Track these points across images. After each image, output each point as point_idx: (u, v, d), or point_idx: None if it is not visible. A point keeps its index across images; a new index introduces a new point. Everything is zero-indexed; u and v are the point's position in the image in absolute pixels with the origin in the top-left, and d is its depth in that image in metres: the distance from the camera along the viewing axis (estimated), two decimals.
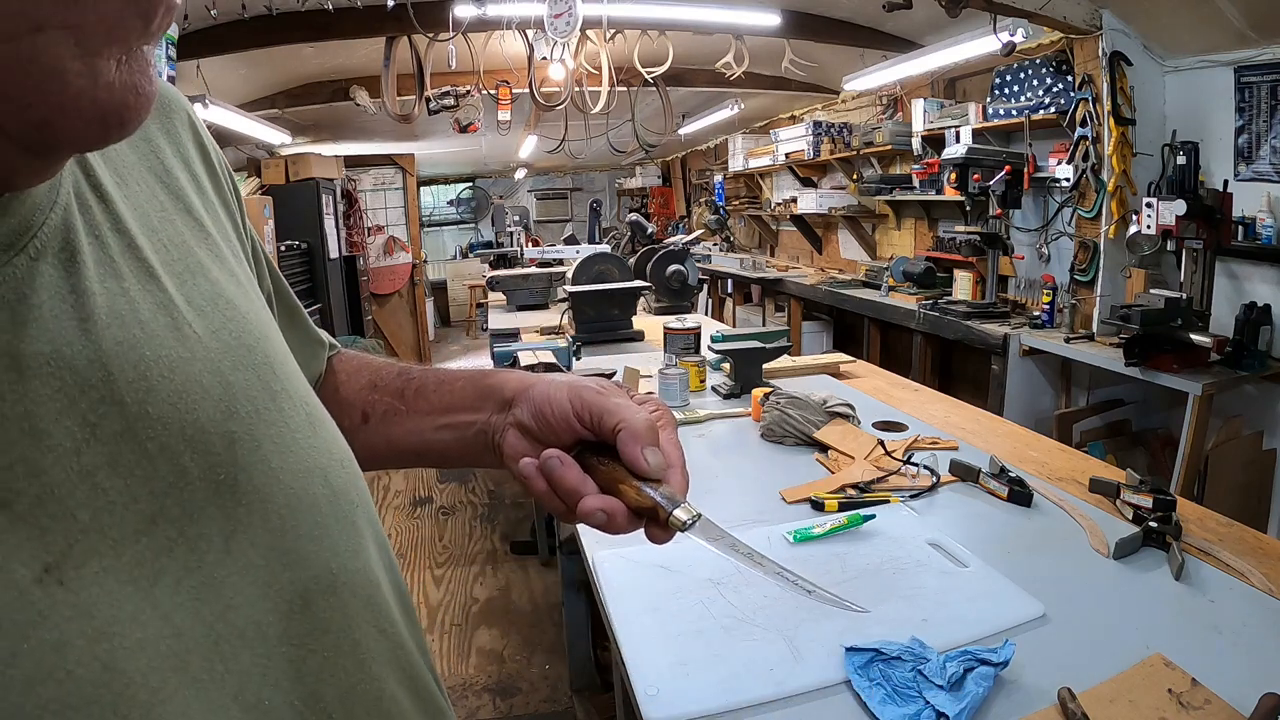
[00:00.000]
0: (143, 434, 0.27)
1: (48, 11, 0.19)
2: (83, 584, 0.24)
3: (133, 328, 0.28)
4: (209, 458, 0.29)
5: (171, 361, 0.29)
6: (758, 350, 1.98)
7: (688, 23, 3.38)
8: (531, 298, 3.77)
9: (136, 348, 0.28)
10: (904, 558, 1.06)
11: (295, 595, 0.31)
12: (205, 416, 0.30)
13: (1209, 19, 2.58)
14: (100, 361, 0.27)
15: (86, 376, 0.26)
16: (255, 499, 0.31)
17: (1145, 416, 3.20)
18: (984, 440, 1.60)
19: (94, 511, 0.25)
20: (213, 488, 0.29)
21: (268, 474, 0.32)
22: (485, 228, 9.40)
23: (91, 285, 0.28)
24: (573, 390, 0.47)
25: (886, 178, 4.56)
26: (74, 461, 0.25)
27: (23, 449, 0.23)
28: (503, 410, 0.50)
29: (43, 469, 0.24)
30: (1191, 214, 2.53)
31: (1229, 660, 0.81)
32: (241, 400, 0.32)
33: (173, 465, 0.28)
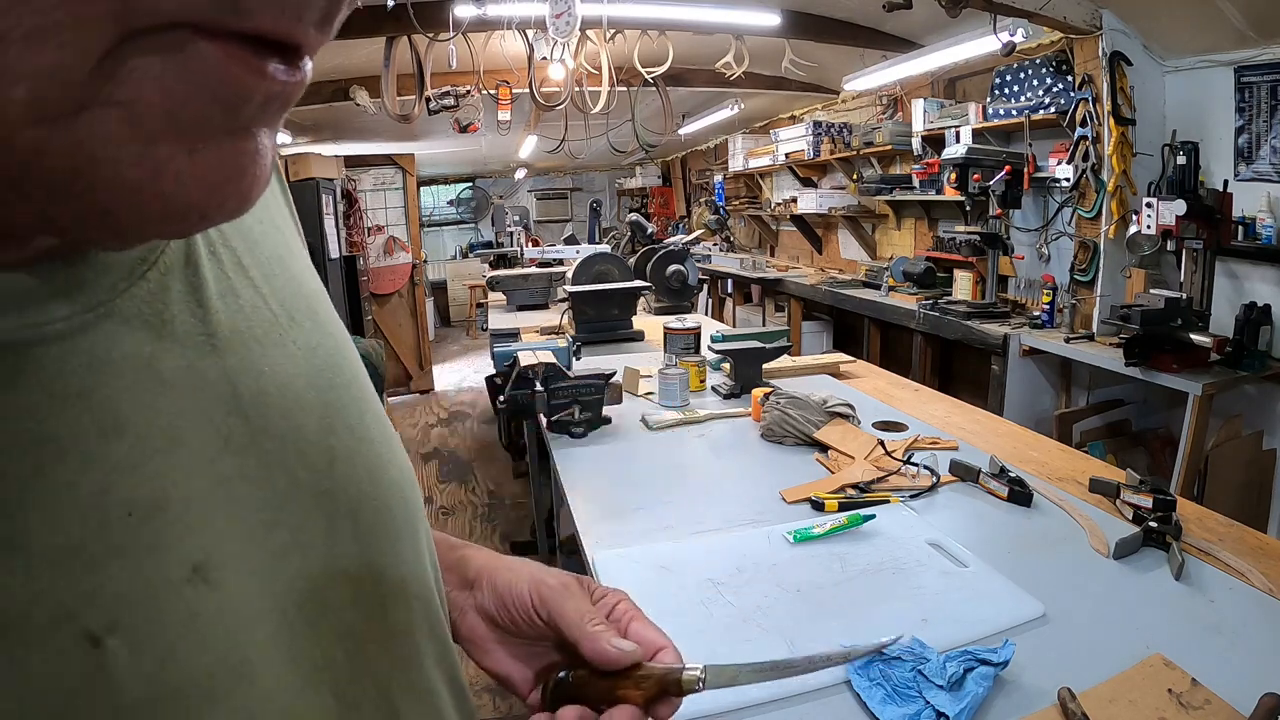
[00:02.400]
0: (263, 445, 0.29)
1: (93, 85, 0.16)
2: (223, 583, 0.25)
3: (250, 343, 0.29)
4: (314, 472, 0.31)
5: (281, 379, 0.30)
6: (758, 350, 1.98)
7: (688, 23, 3.38)
8: (531, 298, 3.77)
9: (255, 363, 0.29)
10: (904, 558, 1.07)
11: (377, 602, 0.33)
12: (311, 432, 0.31)
13: (1209, 19, 2.58)
14: (227, 376, 0.28)
15: (218, 390, 0.27)
16: (348, 511, 0.32)
17: (1145, 416, 3.20)
18: (984, 440, 1.60)
19: (228, 516, 0.26)
20: (315, 499, 0.31)
21: (359, 489, 0.33)
22: (485, 228, 9.41)
23: (214, 301, 0.28)
24: (533, 583, 0.46)
25: (886, 178, 4.56)
26: (211, 469, 0.26)
27: (171, 458, 0.25)
28: (464, 588, 0.48)
29: (188, 476, 0.25)
30: (1191, 214, 2.53)
31: (1229, 660, 0.81)
32: (337, 417, 0.33)
33: (288, 477, 0.29)
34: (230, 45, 0.18)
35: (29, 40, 0.15)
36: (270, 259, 0.33)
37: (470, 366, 7.09)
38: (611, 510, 1.29)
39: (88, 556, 0.22)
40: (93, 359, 0.23)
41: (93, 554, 0.22)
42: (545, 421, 1.71)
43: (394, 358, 6.03)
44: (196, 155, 0.19)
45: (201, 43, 0.17)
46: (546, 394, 1.66)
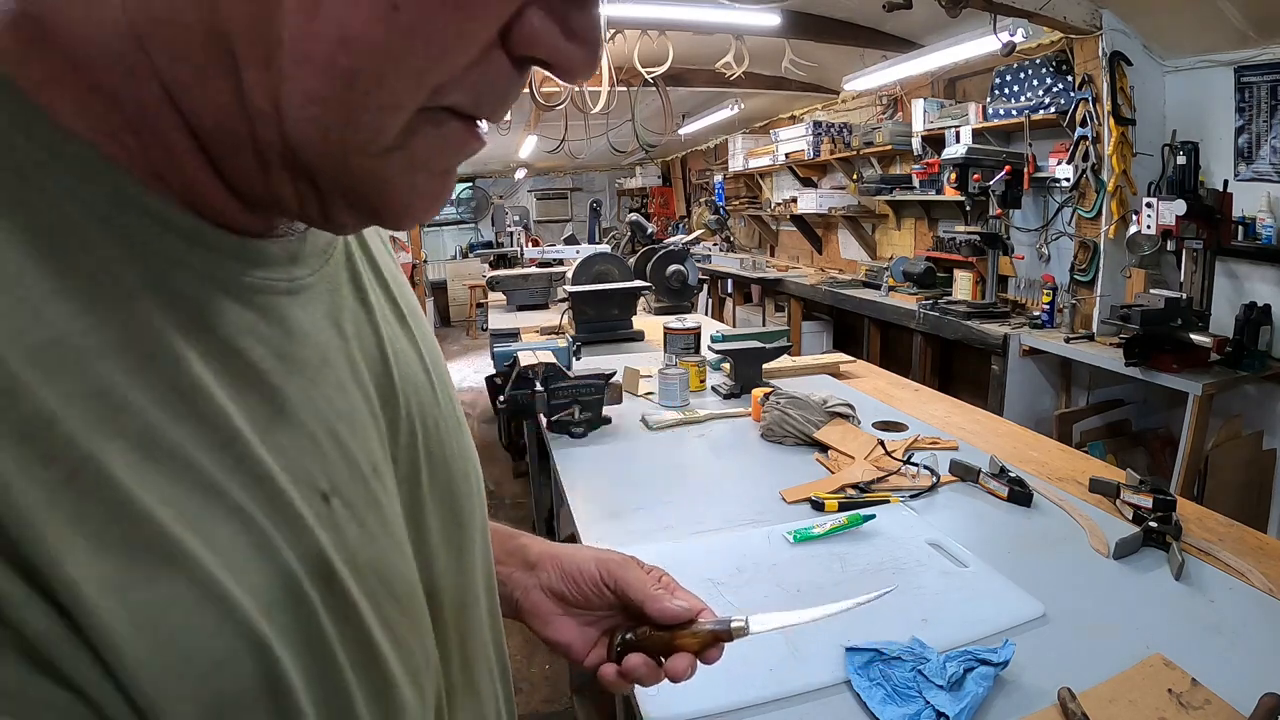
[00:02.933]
0: (395, 401, 0.37)
1: (396, 142, 0.27)
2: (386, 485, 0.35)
3: (394, 328, 0.40)
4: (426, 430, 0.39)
5: (410, 360, 0.40)
6: (758, 350, 1.98)
7: (688, 23, 3.38)
8: (531, 298, 3.76)
9: (396, 344, 0.39)
10: (904, 558, 1.06)
11: (454, 548, 0.41)
12: (425, 399, 0.40)
13: (1209, 19, 2.58)
14: (381, 352, 0.37)
15: (370, 352, 0.36)
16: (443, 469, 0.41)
17: (1145, 416, 3.20)
18: (984, 440, 1.60)
19: (379, 441, 0.35)
20: (426, 450, 0.39)
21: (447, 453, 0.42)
22: (485, 228, 9.41)
23: (366, 294, 0.38)
24: (598, 561, 0.57)
25: (886, 178, 4.56)
26: (370, 407, 0.35)
27: (353, 394, 0.34)
28: (526, 570, 0.58)
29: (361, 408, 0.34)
30: (1191, 214, 2.53)
31: (1229, 660, 0.81)
32: (440, 401, 0.42)
33: (409, 427, 0.38)
34: (465, 121, 0.29)
35: (377, 111, 0.25)
36: (386, 271, 0.43)
37: (470, 366, 7.09)
38: (611, 510, 1.29)
39: (315, 440, 0.31)
40: (312, 309, 0.33)
41: (318, 440, 0.31)
42: (545, 421, 1.71)
43: None
44: (432, 182, 0.30)
45: (454, 121, 0.28)
46: (546, 394, 1.66)
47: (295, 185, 0.27)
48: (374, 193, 0.28)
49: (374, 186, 0.28)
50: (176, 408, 0.25)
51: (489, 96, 0.28)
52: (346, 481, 0.32)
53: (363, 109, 0.25)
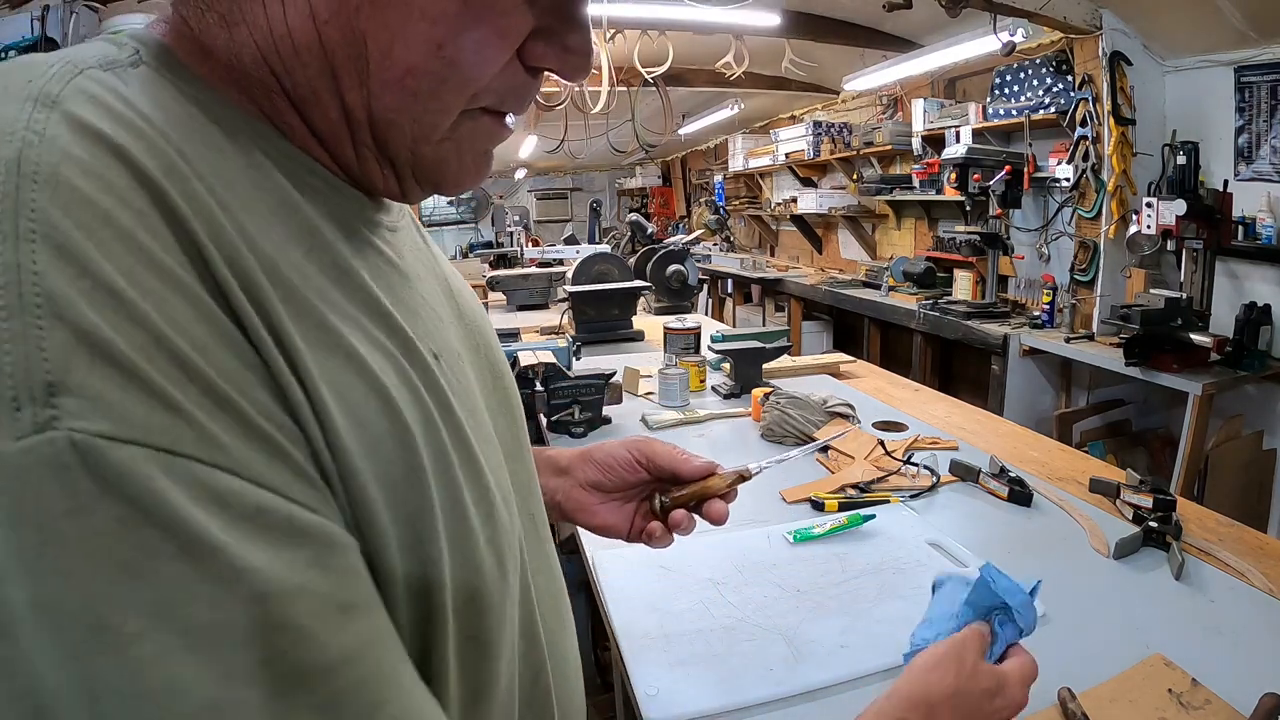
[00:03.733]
0: (462, 307, 0.49)
1: (448, 134, 0.37)
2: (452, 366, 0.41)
3: (443, 266, 0.51)
4: (486, 343, 0.51)
5: (460, 287, 0.52)
6: (758, 350, 1.98)
7: (688, 23, 3.38)
8: (531, 298, 3.76)
9: (455, 280, 0.51)
10: (904, 558, 1.06)
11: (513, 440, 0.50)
12: (475, 319, 0.51)
13: (1209, 19, 2.58)
14: (443, 276, 0.49)
15: (440, 278, 0.48)
16: (493, 367, 0.51)
17: (1145, 416, 3.20)
18: (984, 440, 1.60)
19: (454, 334, 0.45)
20: (486, 353, 0.50)
21: (495, 357, 0.52)
22: (485, 228, 9.38)
23: (428, 239, 0.51)
24: (627, 445, 0.69)
25: (886, 178, 4.56)
26: (445, 311, 0.45)
27: (436, 300, 0.44)
28: (560, 475, 0.69)
29: (437, 307, 0.44)
30: (1191, 214, 2.53)
31: (1229, 660, 0.81)
32: (482, 318, 0.53)
33: (473, 334, 0.49)
34: (495, 116, 0.39)
35: (434, 114, 0.36)
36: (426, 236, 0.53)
37: None
38: None
39: (417, 319, 0.39)
40: (408, 242, 0.45)
41: (422, 316, 0.40)
42: (545, 421, 1.71)
43: None
44: (478, 161, 0.41)
45: (486, 116, 0.39)
46: (546, 394, 1.66)
47: (381, 168, 0.38)
48: (436, 170, 0.39)
49: (436, 165, 0.39)
50: (345, 287, 0.35)
51: (511, 97, 0.39)
52: (445, 349, 0.41)
53: (424, 113, 0.36)
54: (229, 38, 0.34)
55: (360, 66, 0.34)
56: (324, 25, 0.33)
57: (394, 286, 0.39)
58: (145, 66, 0.33)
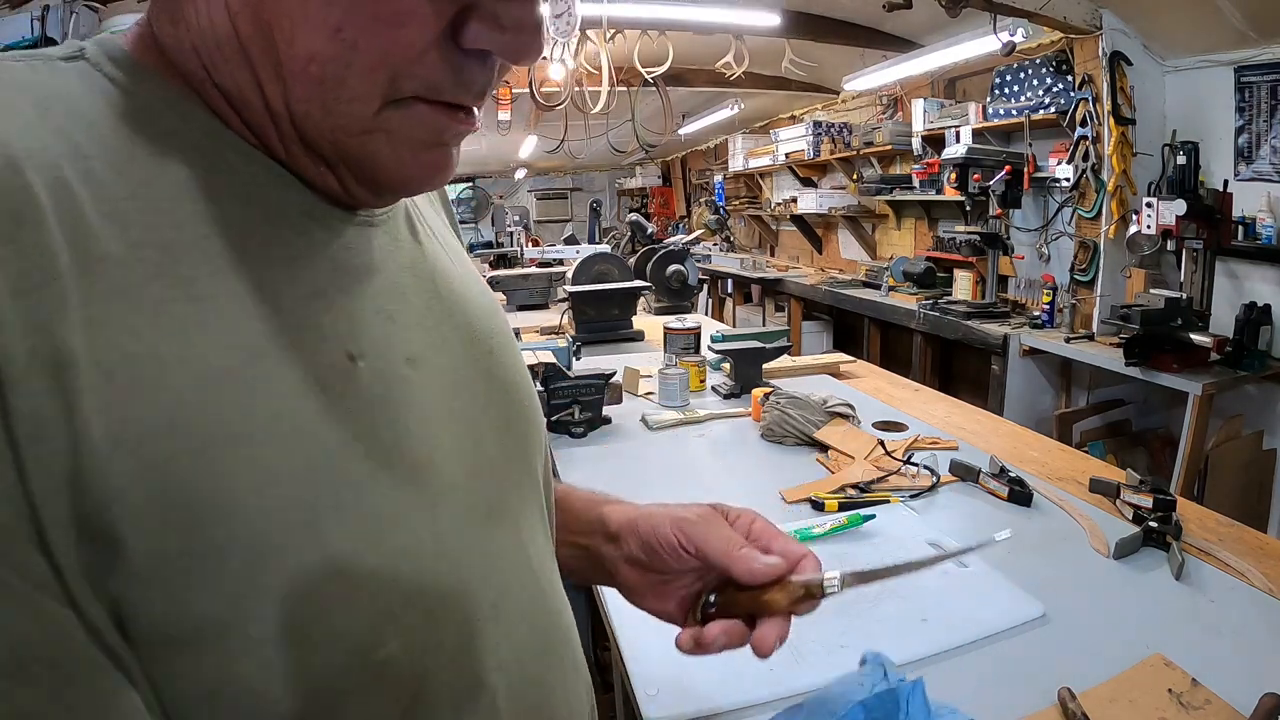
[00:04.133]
0: (450, 319, 0.44)
1: (372, 125, 0.35)
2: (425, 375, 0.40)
3: (445, 265, 0.47)
4: (482, 350, 0.46)
5: (463, 291, 0.47)
6: (758, 350, 1.98)
7: (688, 23, 3.38)
8: (531, 298, 3.76)
9: (449, 277, 0.46)
10: (904, 558, 1.06)
11: (517, 470, 0.47)
12: (480, 329, 0.47)
13: (1209, 19, 2.58)
14: (430, 276, 0.45)
15: (424, 279, 0.44)
16: (499, 387, 0.47)
17: (1145, 416, 3.20)
18: (984, 440, 1.60)
19: (427, 342, 0.42)
20: (479, 367, 0.45)
21: (508, 376, 0.48)
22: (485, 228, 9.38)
23: (420, 237, 0.46)
24: (675, 522, 0.54)
25: (886, 178, 4.56)
26: (420, 317, 0.42)
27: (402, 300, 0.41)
28: (611, 542, 0.58)
29: (411, 306, 0.42)
30: (1191, 214, 2.53)
31: (1229, 660, 0.81)
32: (496, 332, 0.48)
33: (462, 345, 0.45)
34: (437, 106, 0.36)
35: (347, 102, 0.34)
36: (441, 235, 0.50)
37: None
38: None
39: (356, 318, 0.38)
40: (370, 241, 0.41)
41: (358, 316, 0.38)
42: (545, 421, 1.71)
43: None
44: (421, 156, 0.37)
45: (422, 105, 0.35)
46: (546, 394, 1.66)
47: (313, 164, 0.37)
48: (368, 166, 0.37)
49: (366, 160, 0.36)
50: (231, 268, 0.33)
51: (450, 84, 0.35)
52: (384, 353, 0.38)
53: (335, 102, 0.34)
54: (175, 34, 0.35)
55: (273, 57, 0.33)
56: (236, 17, 0.33)
57: (324, 279, 0.37)
58: (84, 61, 0.34)
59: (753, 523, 0.56)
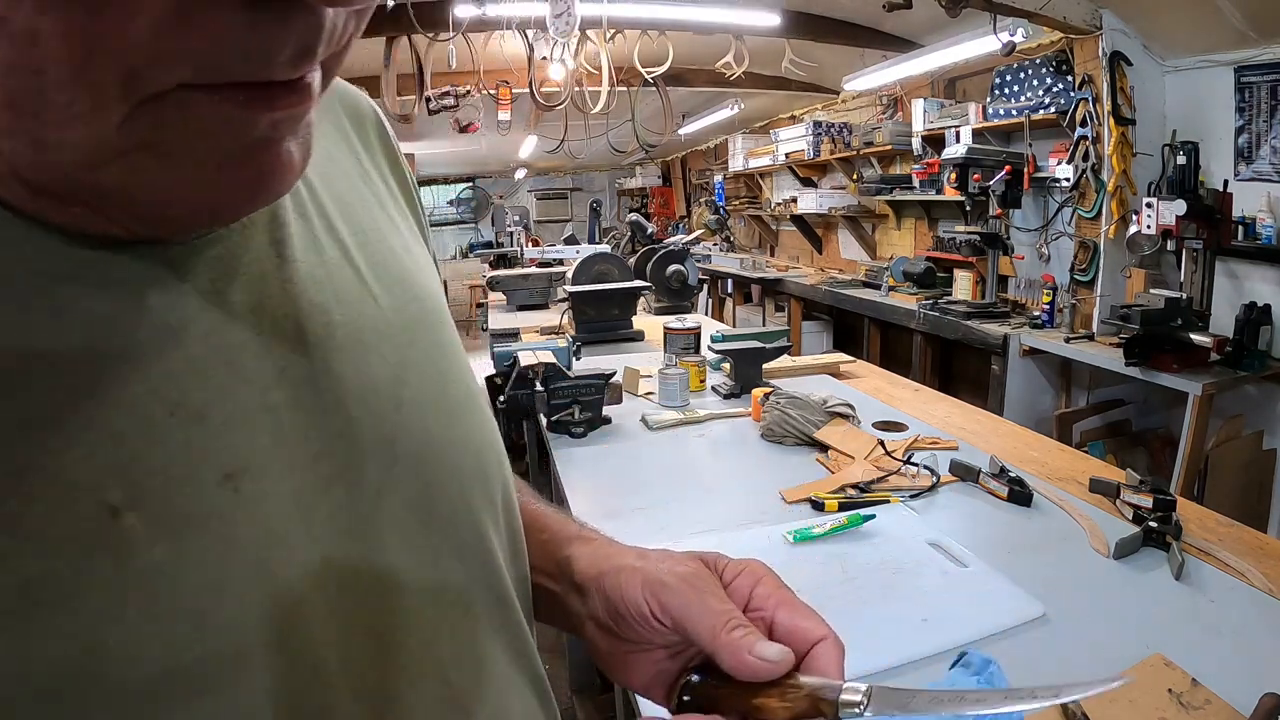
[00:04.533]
0: (322, 384, 0.31)
1: (127, 144, 0.23)
2: (255, 496, 0.28)
3: (326, 293, 0.33)
4: (376, 416, 0.33)
5: (356, 328, 0.34)
6: (758, 350, 1.98)
7: (688, 23, 3.39)
8: (531, 298, 3.76)
9: (328, 311, 0.33)
10: (904, 558, 1.06)
11: (429, 551, 0.34)
12: (379, 379, 0.34)
13: (1209, 19, 2.58)
14: (295, 319, 0.31)
15: (283, 329, 0.31)
16: (410, 460, 0.34)
17: (1145, 416, 3.20)
18: (984, 440, 1.60)
19: (273, 438, 0.29)
20: (375, 441, 0.33)
21: (425, 440, 0.35)
22: (485, 228, 9.41)
23: (295, 254, 0.33)
24: (648, 584, 0.40)
25: (886, 178, 4.56)
26: (262, 396, 0.29)
27: (223, 376, 0.28)
28: (576, 593, 0.45)
29: (236, 395, 0.28)
30: (1191, 214, 2.53)
31: (1229, 660, 0.81)
32: (413, 375, 0.36)
33: (344, 415, 0.32)
34: (225, 93, 0.23)
35: (62, 126, 0.22)
36: (366, 229, 0.38)
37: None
38: (611, 510, 1.29)
39: (120, 440, 0.25)
40: (168, 292, 0.28)
41: (126, 439, 0.25)
42: (545, 421, 1.71)
43: None
44: (224, 170, 0.25)
45: (199, 95, 0.22)
46: (546, 394, 1.66)
47: (59, 204, 0.25)
48: (143, 202, 0.25)
49: (139, 195, 0.25)
50: None
51: (232, 55, 0.22)
52: (167, 488, 0.26)
53: (41, 128, 0.22)
54: None
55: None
56: None
57: (67, 381, 0.25)
58: None
59: (757, 584, 0.40)
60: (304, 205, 0.34)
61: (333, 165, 0.39)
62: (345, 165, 0.40)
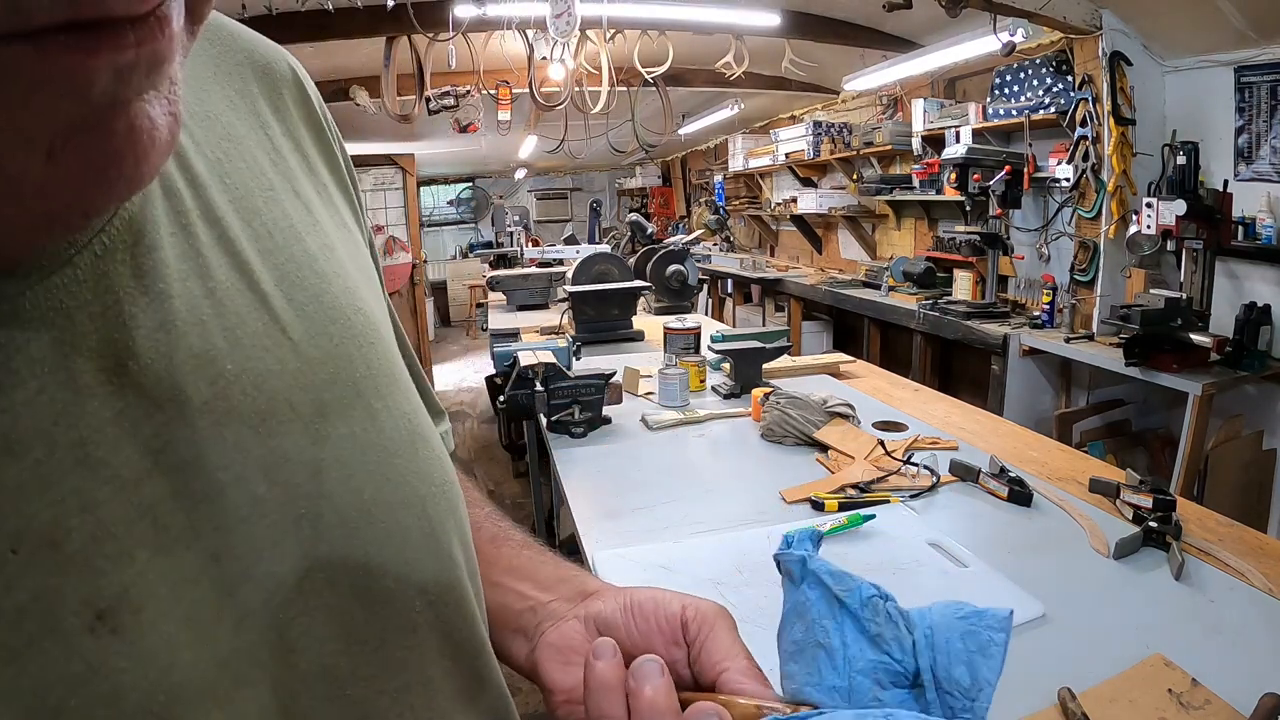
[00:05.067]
0: (214, 462, 0.25)
1: None
2: (140, 631, 0.22)
3: (215, 336, 0.26)
4: (290, 489, 0.27)
5: (257, 376, 0.26)
6: (758, 350, 1.98)
7: (688, 23, 3.38)
8: (531, 298, 3.76)
9: (216, 361, 0.25)
10: (904, 558, 1.06)
11: (372, 635, 0.29)
12: (290, 442, 0.27)
13: (1209, 19, 2.57)
14: (171, 379, 0.24)
15: (154, 396, 0.23)
16: (340, 533, 0.28)
17: (1145, 416, 3.20)
18: (984, 440, 1.60)
19: (153, 551, 0.22)
20: (292, 521, 0.26)
21: (357, 507, 0.29)
22: (485, 228, 9.41)
23: (170, 286, 0.25)
24: (687, 605, 0.38)
25: (886, 178, 4.56)
26: (133, 495, 0.22)
27: (76, 480, 0.21)
28: (573, 600, 0.42)
29: (97, 503, 0.21)
30: (1191, 214, 2.53)
31: (1229, 660, 0.81)
32: (335, 422, 0.29)
33: (246, 496, 0.25)
34: (44, 41, 0.16)
35: None
36: (276, 231, 0.30)
37: (470, 366, 7.09)
38: (611, 510, 1.29)
39: None
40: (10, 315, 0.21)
41: None
42: (545, 421, 1.71)
43: None
44: (57, 158, 0.18)
45: (10, 51, 0.16)
46: (546, 394, 1.66)
47: None
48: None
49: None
50: None
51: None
52: (11, 660, 0.19)
53: None
54: None
55: None
56: None
57: None
58: None
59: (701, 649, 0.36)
60: (185, 213, 0.26)
61: (232, 146, 0.31)
62: (249, 145, 0.32)
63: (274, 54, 0.37)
